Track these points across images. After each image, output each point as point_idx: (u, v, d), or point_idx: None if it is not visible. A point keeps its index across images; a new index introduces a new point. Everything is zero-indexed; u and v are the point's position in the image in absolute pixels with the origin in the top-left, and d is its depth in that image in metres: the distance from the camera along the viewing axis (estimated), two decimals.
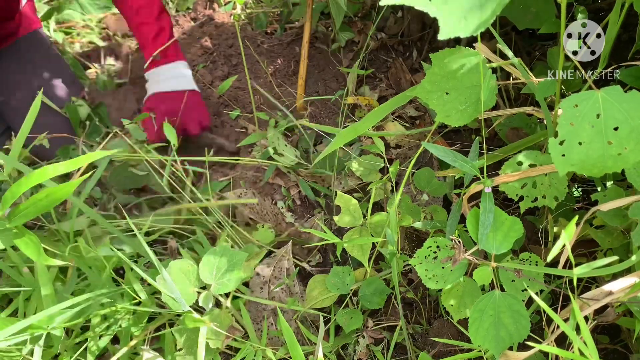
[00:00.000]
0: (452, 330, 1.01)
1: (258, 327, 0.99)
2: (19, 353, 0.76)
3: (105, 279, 0.89)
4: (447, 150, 0.76)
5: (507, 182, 0.82)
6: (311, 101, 1.48)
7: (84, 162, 0.73)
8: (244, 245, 1.08)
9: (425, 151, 1.23)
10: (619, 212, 0.82)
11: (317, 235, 0.90)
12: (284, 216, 1.20)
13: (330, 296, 0.99)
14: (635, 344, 0.92)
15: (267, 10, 1.85)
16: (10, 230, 0.71)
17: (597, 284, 0.95)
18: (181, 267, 0.85)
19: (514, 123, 1.19)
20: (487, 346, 0.71)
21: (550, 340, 0.72)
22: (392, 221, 0.87)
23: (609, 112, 0.61)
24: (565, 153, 0.63)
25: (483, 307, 0.72)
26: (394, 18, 1.59)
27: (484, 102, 0.75)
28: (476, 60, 0.76)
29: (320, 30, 1.63)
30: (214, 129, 1.47)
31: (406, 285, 1.09)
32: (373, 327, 1.00)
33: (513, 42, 1.38)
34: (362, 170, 1.18)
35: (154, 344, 0.94)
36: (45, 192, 0.69)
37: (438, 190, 1.06)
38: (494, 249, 0.74)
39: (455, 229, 0.90)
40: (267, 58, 1.64)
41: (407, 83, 1.48)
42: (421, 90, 0.79)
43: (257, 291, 1.02)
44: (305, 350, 0.95)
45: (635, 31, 0.94)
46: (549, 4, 1.03)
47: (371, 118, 0.91)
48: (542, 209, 1.06)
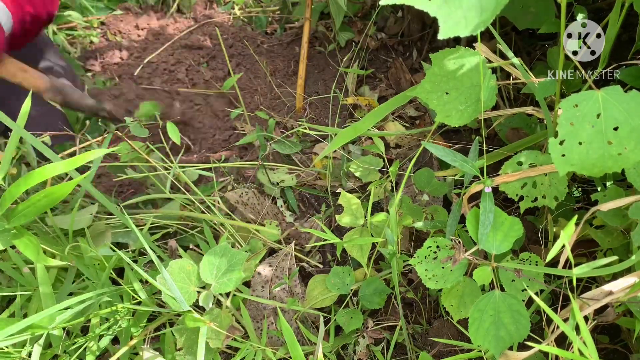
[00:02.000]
0: (452, 330, 1.01)
1: (258, 327, 0.99)
2: (19, 355, 0.76)
3: (104, 279, 0.89)
4: (447, 150, 0.76)
5: (507, 182, 0.82)
6: (311, 101, 1.48)
7: (82, 161, 0.72)
8: (244, 245, 1.08)
9: (425, 151, 1.23)
10: (619, 212, 0.82)
11: (317, 235, 0.90)
12: (283, 216, 1.20)
13: (330, 296, 0.99)
14: (635, 344, 0.92)
15: (266, 9, 1.85)
16: (9, 231, 0.71)
17: (597, 284, 0.95)
18: (181, 266, 0.85)
19: (514, 123, 1.19)
20: (487, 346, 0.71)
21: (550, 340, 0.72)
22: (392, 221, 0.87)
23: (609, 112, 0.61)
24: (566, 153, 0.63)
25: (483, 307, 0.72)
26: (394, 18, 1.59)
27: (484, 102, 0.75)
28: (476, 60, 0.76)
29: (320, 30, 1.63)
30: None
31: (406, 285, 1.09)
32: (373, 327, 1.00)
33: (513, 42, 1.38)
34: (361, 171, 1.18)
35: (154, 343, 0.94)
36: (44, 192, 0.69)
37: (438, 190, 1.06)
38: (494, 249, 0.74)
39: (455, 229, 0.90)
40: (267, 58, 1.64)
41: (407, 83, 1.48)
42: (421, 90, 0.79)
43: (258, 290, 1.02)
44: (305, 350, 0.95)
45: (635, 31, 0.94)
46: (548, 4, 1.03)
47: (371, 118, 0.91)
48: (542, 209, 1.06)
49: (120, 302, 0.90)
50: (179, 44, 1.76)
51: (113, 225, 1.04)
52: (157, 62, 1.70)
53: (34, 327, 0.73)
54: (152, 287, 0.94)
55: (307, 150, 1.37)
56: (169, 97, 1.51)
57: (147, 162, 1.11)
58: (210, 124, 1.48)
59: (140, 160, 1.14)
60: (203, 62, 1.68)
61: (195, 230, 1.10)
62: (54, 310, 0.72)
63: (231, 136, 1.48)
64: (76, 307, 0.78)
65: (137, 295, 0.87)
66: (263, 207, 1.18)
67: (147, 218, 1.05)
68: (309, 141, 1.38)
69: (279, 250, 1.10)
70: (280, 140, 1.28)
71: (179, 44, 1.76)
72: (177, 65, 1.68)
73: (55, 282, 0.93)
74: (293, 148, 1.28)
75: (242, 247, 1.07)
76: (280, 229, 1.13)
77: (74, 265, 0.90)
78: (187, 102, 1.53)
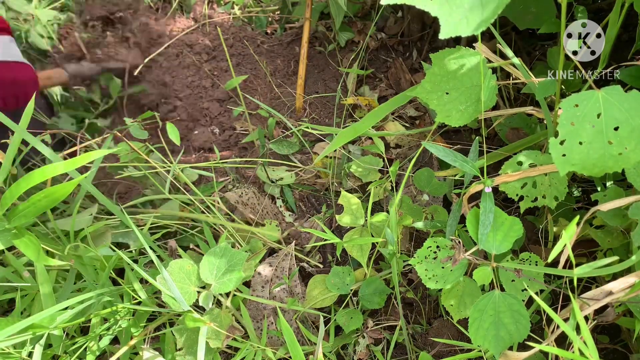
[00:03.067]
0: (452, 330, 1.01)
1: (258, 327, 0.99)
2: (19, 356, 0.76)
3: (104, 279, 0.89)
4: (447, 150, 0.76)
5: (507, 182, 0.82)
6: (311, 101, 1.48)
7: (82, 162, 0.72)
8: (244, 245, 1.08)
9: (425, 151, 1.23)
10: (619, 212, 0.82)
11: (317, 235, 0.90)
12: (283, 215, 1.20)
13: (330, 296, 0.99)
14: (635, 344, 0.92)
15: (266, 9, 1.85)
16: (10, 231, 0.71)
17: (597, 284, 0.95)
18: (181, 266, 0.85)
19: (514, 123, 1.18)
20: (487, 346, 0.71)
21: (550, 340, 0.72)
22: (392, 221, 0.87)
23: (609, 111, 0.61)
24: (566, 153, 0.63)
25: (483, 307, 0.72)
26: (394, 18, 1.59)
27: (484, 102, 0.75)
28: (476, 60, 0.76)
29: (320, 30, 1.63)
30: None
31: (406, 285, 1.09)
32: (373, 327, 1.00)
33: (513, 42, 1.38)
34: (361, 171, 1.18)
35: (154, 343, 0.94)
36: (45, 192, 0.69)
37: (438, 190, 1.06)
38: (493, 249, 0.74)
39: (455, 229, 0.90)
40: (267, 58, 1.64)
41: (407, 83, 1.48)
42: (421, 90, 0.79)
43: (258, 290, 1.02)
44: (305, 350, 0.95)
45: (635, 31, 0.94)
46: (549, 4, 1.03)
47: (371, 118, 0.91)
48: (542, 209, 1.06)
49: (120, 302, 0.90)
50: (179, 43, 1.76)
51: (113, 226, 1.04)
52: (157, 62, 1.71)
53: (34, 326, 0.73)
54: (152, 287, 0.94)
55: (306, 150, 1.36)
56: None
57: (147, 162, 1.11)
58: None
59: (140, 160, 1.14)
60: (203, 62, 1.68)
61: (195, 230, 1.10)
62: (54, 310, 0.72)
63: (231, 136, 1.48)
64: (76, 307, 0.78)
65: (137, 295, 0.87)
66: (263, 207, 1.18)
67: (147, 218, 1.05)
68: (309, 141, 1.38)
69: (279, 250, 1.10)
70: (279, 140, 1.28)
71: (179, 43, 1.76)
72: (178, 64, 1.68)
73: (56, 283, 0.93)
74: (290, 149, 1.28)
75: (242, 247, 1.07)
76: (280, 229, 1.13)
77: (74, 266, 0.90)
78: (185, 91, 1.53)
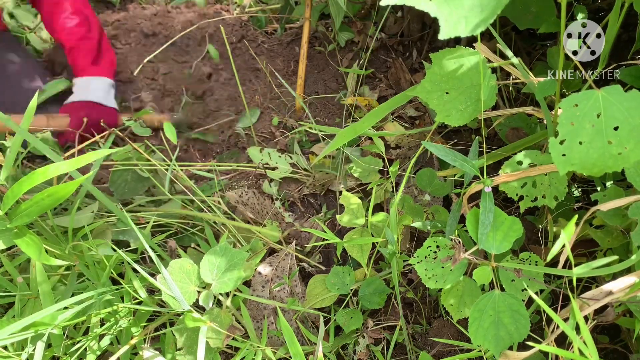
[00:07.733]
0: (452, 330, 1.01)
1: (258, 327, 0.99)
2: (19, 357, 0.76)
3: (105, 279, 0.89)
4: (447, 150, 0.76)
5: (507, 181, 0.82)
6: (310, 101, 1.48)
7: (85, 161, 0.72)
8: (245, 245, 1.08)
9: (425, 151, 1.23)
10: (618, 212, 0.82)
11: (317, 235, 0.90)
12: (283, 216, 1.20)
13: (330, 296, 0.99)
14: (635, 343, 0.92)
15: (266, 9, 1.85)
16: (11, 230, 0.71)
17: (597, 283, 0.95)
18: (182, 266, 0.85)
19: (514, 123, 1.19)
20: (487, 346, 0.71)
21: (550, 340, 0.72)
22: (393, 221, 0.87)
23: (609, 111, 0.62)
24: (566, 152, 0.63)
25: (483, 306, 0.72)
26: (394, 18, 1.59)
27: (484, 101, 0.75)
28: (476, 60, 0.76)
29: (320, 30, 1.64)
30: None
31: (406, 285, 1.09)
32: (373, 327, 1.00)
33: (513, 42, 1.38)
34: (361, 171, 1.18)
35: (154, 343, 0.94)
36: (47, 191, 0.69)
37: (440, 190, 1.06)
38: (493, 248, 0.74)
39: (455, 229, 0.90)
40: (267, 58, 1.64)
41: (407, 83, 1.48)
42: (421, 90, 0.79)
43: (258, 290, 1.02)
44: (305, 350, 0.95)
45: (635, 31, 0.94)
46: (549, 3, 1.03)
47: (371, 118, 0.91)
48: (542, 208, 1.06)
49: (120, 301, 0.90)
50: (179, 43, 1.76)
51: (113, 223, 1.04)
52: (157, 62, 1.70)
53: (36, 324, 0.73)
54: (152, 287, 0.94)
55: (306, 150, 1.37)
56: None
57: (148, 162, 1.11)
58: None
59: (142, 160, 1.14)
60: (204, 61, 1.68)
61: (196, 229, 1.10)
62: (55, 310, 0.72)
63: (231, 136, 1.48)
64: (77, 306, 0.78)
65: (138, 295, 0.87)
66: (263, 207, 1.18)
67: (148, 217, 1.05)
68: (309, 141, 1.38)
69: (279, 250, 1.10)
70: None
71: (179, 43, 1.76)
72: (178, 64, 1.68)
73: (56, 284, 0.93)
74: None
75: (243, 247, 1.08)
76: (280, 229, 1.13)
77: (76, 266, 0.90)
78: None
